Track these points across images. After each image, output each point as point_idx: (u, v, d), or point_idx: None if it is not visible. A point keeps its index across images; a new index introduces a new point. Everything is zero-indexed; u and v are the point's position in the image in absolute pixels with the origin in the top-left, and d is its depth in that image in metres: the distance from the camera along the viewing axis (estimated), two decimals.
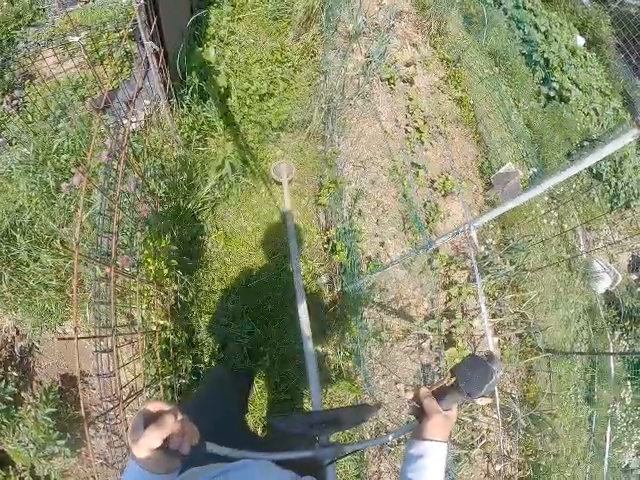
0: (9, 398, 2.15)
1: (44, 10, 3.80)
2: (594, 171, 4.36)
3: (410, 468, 0.79)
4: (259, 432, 2.23)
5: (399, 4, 3.77)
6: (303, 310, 1.53)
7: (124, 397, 1.71)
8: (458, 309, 2.89)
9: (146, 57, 2.43)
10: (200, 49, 2.84)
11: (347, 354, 2.38)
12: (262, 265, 2.38)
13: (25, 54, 3.36)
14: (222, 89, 2.73)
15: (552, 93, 4.54)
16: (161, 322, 2.13)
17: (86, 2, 3.78)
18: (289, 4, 3.29)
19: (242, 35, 3.09)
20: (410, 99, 3.02)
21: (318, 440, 0.84)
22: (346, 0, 3.39)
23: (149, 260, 2.00)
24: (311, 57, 2.89)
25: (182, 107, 2.57)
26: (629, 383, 3.94)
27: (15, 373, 2.30)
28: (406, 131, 2.90)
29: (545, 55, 4.87)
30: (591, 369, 4.00)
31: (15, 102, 3.13)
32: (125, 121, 2.60)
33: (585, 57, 5.60)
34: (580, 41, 5.78)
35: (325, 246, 2.39)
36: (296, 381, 2.35)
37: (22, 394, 2.28)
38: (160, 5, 2.20)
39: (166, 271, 2.07)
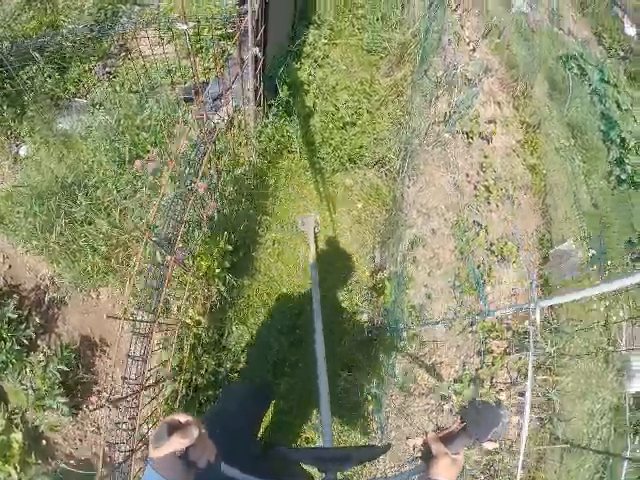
0: (25, 341, 2.21)
1: None
2: None
3: None
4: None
5: (489, 60, 3.79)
6: (321, 362, 1.51)
7: (146, 383, 1.72)
8: (487, 379, 2.79)
9: (241, 59, 2.52)
10: (295, 66, 2.94)
11: (370, 397, 2.33)
12: (307, 289, 2.39)
13: (126, 28, 3.53)
14: (307, 108, 2.80)
15: (624, 176, 4.38)
16: (197, 317, 2.16)
17: None
18: (385, 39, 3.36)
19: (335, 60, 3.17)
20: (485, 157, 2.99)
21: (325, 476, 0.86)
22: (442, 47, 3.44)
23: (204, 257, 2.03)
24: (398, 96, 2.92)
25: (267, 117, 2.64)
26: None
27: (38, 319, 2.36)
28: (475, 187, 2.87)
29: (622, 134, 4.74)
30: (602, 470, 3.77)
31: (107, 70, 3.29)
32: (216, 118, 2.69)
33: None
34: None
35: (374, 284, 2.37)
36: (308, 409, 2.32)
37: (38, 341, 2.34)
38: (269, 16, 2.28)
39: (218, 271, 2.10)
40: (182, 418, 0.67)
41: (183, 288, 2.01)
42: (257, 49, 2.27)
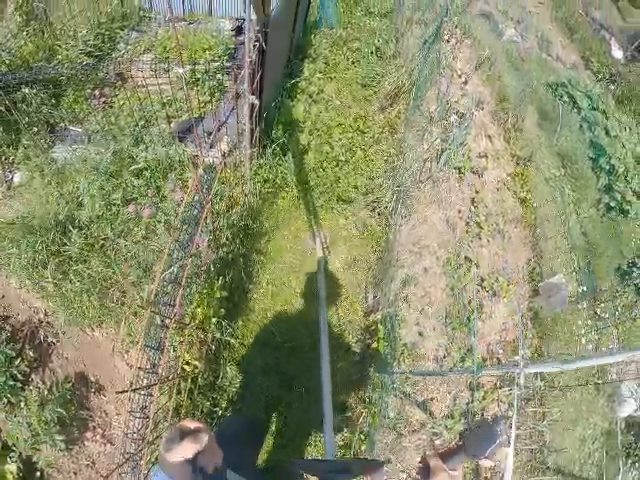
0: (19, 376, 2.20)
1: (150, 19, 4.07)
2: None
3: None
4: None
5: (481, 92, 3.88)
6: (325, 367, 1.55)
7: (150, 438, 1.75)
8: (479, 413, 2.82)
9: (237, 93, 2.56)
10: (291, 104, 3.00)
11: (362, 437, 2.36)
12: (301, 329, 2.42)
13: (123, 55, 3.56)
14: (302, 147, 2.86)
15: (613, 203, 4.47)
16: (194, 362, 2.19)
17: (190, 23, 4.05)
18: (380, 74, 3.45)
19: (330, 95, 3.24)
20: (477, 192, 3.06)
21: None
22: (435, 81, 3.52)
23: (200, 308, 2.07)
24: (391, 133, 2.99)
25: (262, 157, 2.69)
26: None
27: (32, 353, 2.35)
28: (467, 224, 2.93)
29: (611, 161, 4.84)
30: None
31: (103, 99, 3.31)
32: (211, 155, 2.71)
33: None
34: None
35: (367, 325, 2.41)
36: (302, 445, 2.34)
37: (32, 376, 2.32)
38: (266, 61, 2.30)
39: (214, 320, 2.14)
40: (192, 425, 0.70)
41: (180, 334, 2.03)
42: (254, 97, 2.31)
